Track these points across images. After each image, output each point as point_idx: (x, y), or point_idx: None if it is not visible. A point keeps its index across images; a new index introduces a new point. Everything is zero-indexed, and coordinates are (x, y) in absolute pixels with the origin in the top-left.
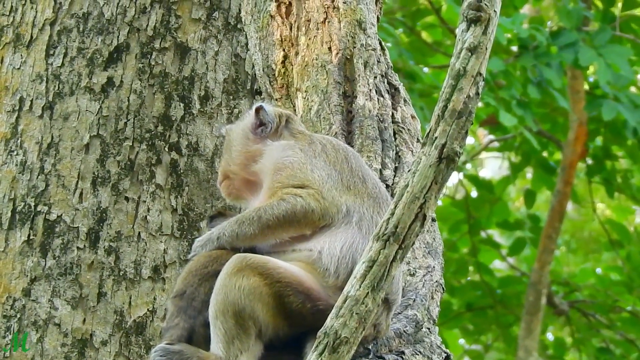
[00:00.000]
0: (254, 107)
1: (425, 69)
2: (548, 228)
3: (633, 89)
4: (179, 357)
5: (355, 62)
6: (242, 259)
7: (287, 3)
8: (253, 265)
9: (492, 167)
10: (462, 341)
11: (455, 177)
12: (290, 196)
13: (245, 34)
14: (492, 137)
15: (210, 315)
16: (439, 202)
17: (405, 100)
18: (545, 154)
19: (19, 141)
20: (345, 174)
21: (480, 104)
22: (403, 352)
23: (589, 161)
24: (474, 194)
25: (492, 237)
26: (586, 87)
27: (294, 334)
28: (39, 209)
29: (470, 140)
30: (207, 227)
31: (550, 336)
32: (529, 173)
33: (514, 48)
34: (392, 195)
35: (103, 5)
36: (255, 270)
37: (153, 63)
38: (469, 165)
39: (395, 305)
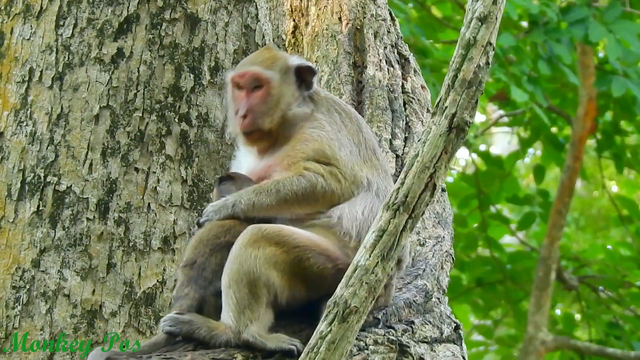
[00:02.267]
0: (297, 64)
1: (436, 45)
2: (558, 203)
3: None
4: (189, 327)
5: (365, 32)
6: (257, 230)
7: None
8: (269, 236)
9: (502, 143)
10: (471, 317)
11: (465, 154)
12: (311, 174)
13: (256, 5)
14: (501, 112)
15: (223, 285)
16: (449, 178)
17: (415, 71)
18: (554, 129)
19: (28, 112)
20: (362, 147)
21: (490, 79)
22: (413, 322)
23: (599, 136)
24: (484, 169)
25: (501, 211)
26: (596, 62)
27: (311, 297)
28: (48, 179)
29: (480, 118)
30: (216, 188)
31: (558, 312)
32: (538, 150)
33: (525, 24)
34: (402, 165)
35: None
36: (272, 240)
37: (163, 34)
38: (482, 146)
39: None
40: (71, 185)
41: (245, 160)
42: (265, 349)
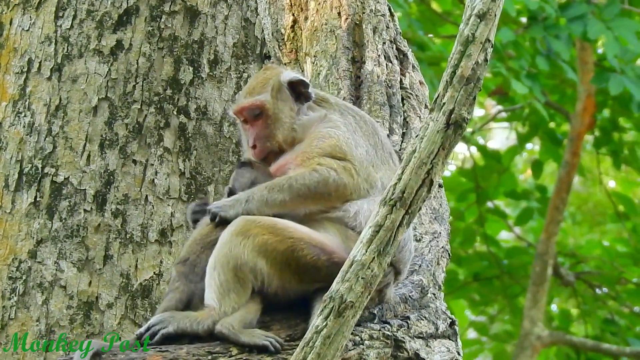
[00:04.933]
0: (288, 79)
1: (435, 40)
2: (555, 199)
3: None
4: (174, 322)
5: (364, 27)
6: (251, 221)
7: None
8: (262, 226)
9: (500, 138)
10: (467, 312)
11: (464, 149)
12: (324, 168)
13: None
14: (500, 107)
15: (208, 267)
16: (446, 172)
17: (413, 66)
18: (552, 125)
19: (27, 103)
20: (379, 148)
21: (489, 74)
22: (408, 317)
23: (597, 133)
24: (482, 164)
25: (499, 207)
26: (595, 58)
27: (303, 289)
28: (46, 170)
29: (479, 112)
30: (235, 172)
31: (554, 308)
32: (536, 145)
33: (524, 19)
34: (400, 161)
35: None
36: (266, 231)
37: (162, 26)
38: (480, 140)
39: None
40: (69, 177)
41: None
42: (238, 342)
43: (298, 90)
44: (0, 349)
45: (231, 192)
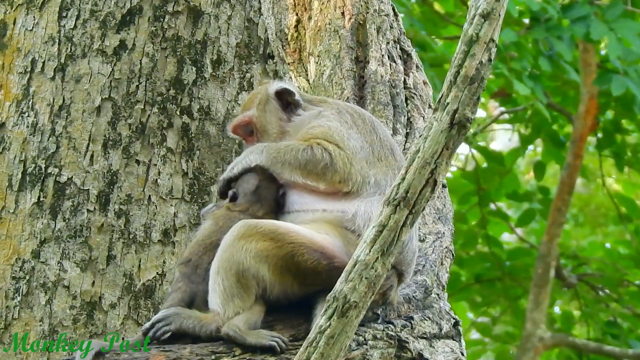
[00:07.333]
0: (274, 90)
1: (439, 42)
2: (557, 201)
3: None
4: (178, 321)
5: (368, 27)
6: (252, 226)
7: None
8: (263, 232)
9: (503, 140)
10: (470, 315)
11: (466, 149)
12: (320, 148)
13: None
14: (502, 109)
15: (212, 271)
16: (449, 174)
17: (417, 66)
18: (555, 127)
19: (30, 103)
20: (375, 145)
21: (491, 76)
22: (412, 318)
23: (599, 135)
24: (484, 165)
25: (501, 209)
26: (598, 60)
27: (304, 293)
28: (49, 170)
29: (481, 114)
30: (240, 178)
31: (557, 310)
32: (538, 147)
33: (526, 20)
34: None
35: None
36: (266, 236)
37: (166, 26)
38: (482, 143)
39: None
40: (72, 177)
41: None
42: (244, 344)
43: (285, 99)
44: (0, 349)
45: (234, 197)
